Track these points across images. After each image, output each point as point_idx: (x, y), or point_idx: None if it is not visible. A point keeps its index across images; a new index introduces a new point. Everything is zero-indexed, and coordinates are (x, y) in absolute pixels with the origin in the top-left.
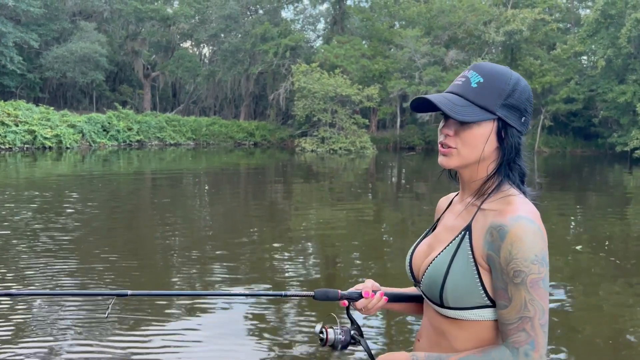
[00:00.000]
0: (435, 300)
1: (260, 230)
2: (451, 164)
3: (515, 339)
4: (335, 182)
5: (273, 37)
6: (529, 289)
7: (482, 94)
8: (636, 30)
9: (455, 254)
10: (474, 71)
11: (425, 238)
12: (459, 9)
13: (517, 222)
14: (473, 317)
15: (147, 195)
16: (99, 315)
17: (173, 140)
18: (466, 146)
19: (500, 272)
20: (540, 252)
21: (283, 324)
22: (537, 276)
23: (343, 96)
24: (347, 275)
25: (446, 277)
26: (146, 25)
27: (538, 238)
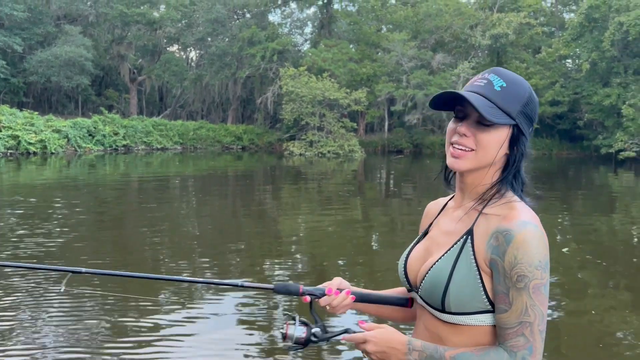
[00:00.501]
0: (435, 305)
1: (248, 234)
2: (464, 167)
3: (514, 343)
4: (324, 186)
5: (260, 40)
6: (531, 294)
7: (505, 99)
8: (619, 33)
9: (458, 259)
10: (495, 75)
11: (419, 243)
12: (446, 12)
13: (524, 227)
14: (473, 322)
15: (134, 201)
16: (86, 319)
17: (160, 145)
18: (482, 149)
19: (503, 276)
20: (543, 259)
21: (272, 323)
22: (539, 282)
23: (331, 100)
24: (334, 277)
25: (449, 282)
26: (132, 29)
27: (542, 244)
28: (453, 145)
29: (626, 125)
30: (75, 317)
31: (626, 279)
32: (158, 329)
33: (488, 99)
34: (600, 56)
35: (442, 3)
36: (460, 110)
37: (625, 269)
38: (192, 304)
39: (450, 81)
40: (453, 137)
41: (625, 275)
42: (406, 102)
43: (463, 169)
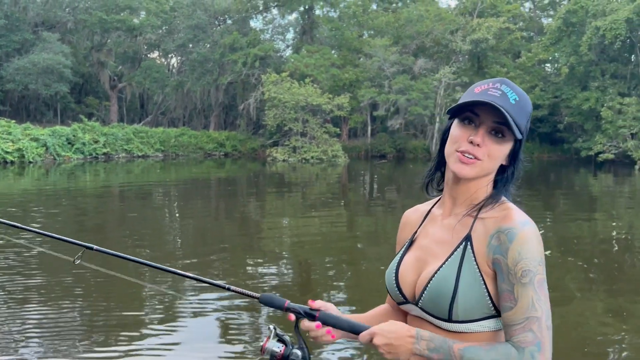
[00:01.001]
0: (440, 315)
1: (231, 241)
2: (471, 174)
3: (521, 339)
4: (308, 192)
5: (242, 47)
6: (536, 289)
7: (518, 113)
8: (596, 38)
9: (461, 266)
10: (507, 86)
11: (408, 253)
12: (427, 18)
13: (525, 226)
14: (478, 329)
15: (115, 209)
16: (67, 330)
17: (141, 152)
18: (490, 159)
19: (507, 274)
20: (542, 255)
21: (256, 333)
22: (542, 277)
23: (314, 105)
24: (320, 284)
25: (456, 290)
26: (112, 36)
27: (540, 242)
28: (463, 153)
29: (605, 128)
30: (54, 326)
31: (607, 283)
32: (140, 338)
33: (507, 112)
34: (578, 60)
35: (423, 9)
36: (471, 116)
37: (605, 272)
38: (175, 312)
39: (432, 86)
40: (462, 144)
41: (605, 278)
42: (389, 107)
43: (468, 176)
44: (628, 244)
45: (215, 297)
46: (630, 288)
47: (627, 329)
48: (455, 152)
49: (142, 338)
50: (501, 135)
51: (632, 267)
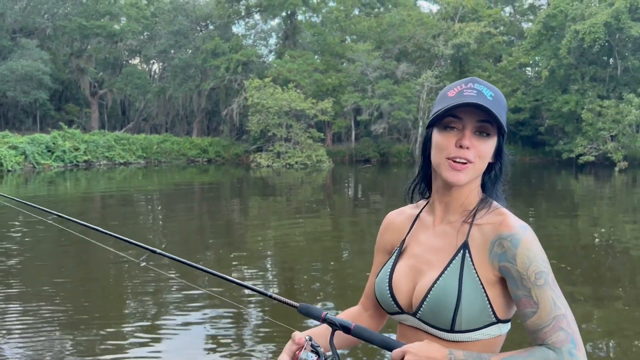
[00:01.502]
0: (442, 326)
1: (216, 248)
2: (465, 180)
3: (555, 340)
4: (293, 197)
5: (224, 52)
6: (552, 288)
7: (497, 106)
8: (576, 41)
9: (462, 275)
10: (479, 85)
11: (400, 262)
12: (408, 23)
13: (526, 230)
14: (480, 337)
15: (96, 217)
16: (48, 339)
17: (122, 160)
18: (481, 160)
19: (519, 280)
20: (546, 256)
21: (243, 343)
22: (553, 276)
23: (297, 110)
24: (305, 289)
25: (459, 300)
26: (92, 42)
27: (539, 243)
28: (454, 159)
29: (585, 130)
30: (36, 336)
31: (589, 285)
32: (122, 349)
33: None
34: (558, 63)
35: (405, 13)
36: (453, 121)
37: (587, 274)
38: (159, 323)
39: (415, 90)
40: (451, 151)
41: (587, 280)
42: (372, 112)
43: (464, 182)
44: (609, 245)
45: (199, 305)
46: (611, 289)
47: (607, 329)
48: (445, 160)
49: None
50: (486, 134)
51: (611, 269)
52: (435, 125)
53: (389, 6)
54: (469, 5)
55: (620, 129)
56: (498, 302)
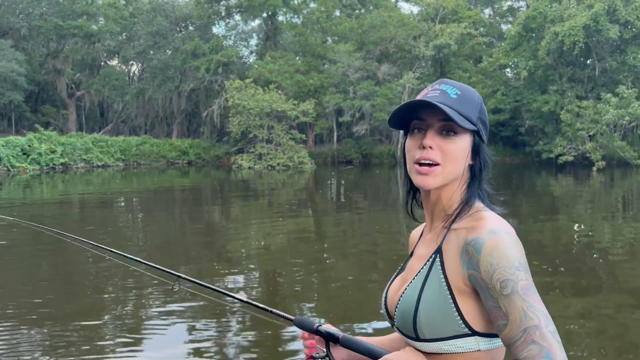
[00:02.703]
0: (409, 333)
1: (197, 251)
2: (433, 183)
3: (526, 354)
4: (275, 199)
5: (204, 53)
6: (522, 297)
7: (463, 105)
8: (555, 43)
9: (426, 280)
10: (446, 84)
11: (399, 275)
12: (389, 24)
13: (493, 233)
14: (454, 349)
15: (74, 221)
16: (27, 349)
17: (101, 162)
18: (450, 161)
19: (486, 289)
20: (523, 261)
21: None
22: (526, 282)
23: (279, 112)
24: (288, 293)
25: (418, 305)
26: (69, 43)
27: (517, 247)
28: (419, 162)
29: (564, 131)
30: (18, 343)
31: (572, 287)
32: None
33: (449, 106)
34: (537, 65)
35: (386, 15)
36: (418, 124)
37: (569, 274)
38: (140, 324)
39: (396, 91)
40: (416, 153)
41: (569, 280)
42: (354, 113)
43: (433, 186)
44: (589, 244)
45: (178, 313)
46: (594, 287)
47: (590, 329)
48: (413, 165)
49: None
50: (453, 132)
51: (593, 270)
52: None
53: (370, 7)
54: (449, 6)
55: (598, 129)
56: (472, 313)
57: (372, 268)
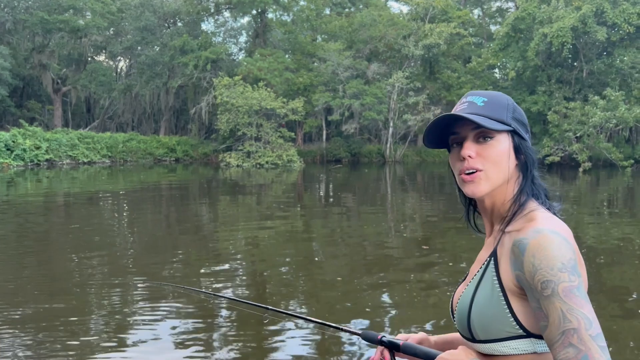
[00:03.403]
0: (467, 335)
1: (185, 251)
2: (482, 190)
3: (563, 357)
4: (263, 198)
5: (193, 49)
6: (563, 299)
7: (492, 109)
8: (543, 44)
9: (480, 282)
10: (472, 96)
11: (465, 279)
12: (379, 23)
13: (539, 233)
14: (508, 351)
15: (59, 219)
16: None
17: (86, 159)
18: (493, 165)
19: (530, 290)
20: (568, 262)
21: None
22: (569, 284)
23: (268, 110)
24: (276, 293)
25: (471, 306)
26: (55, 37)
27: (563, 247)
28: (464, 172)
29: (552, 132)
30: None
31: None
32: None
33: (476, 114)
34: (526, 65)
35: (376, 14)
36: (455, 139)
37: None
38: (126, 324)
39: (386, 91)
40: (459, 165)
41: None
42: (343, 112)
43: (481, 192)
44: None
45: (164, 315)
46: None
47: None
48: (459, 177)
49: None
50: (489, 137)
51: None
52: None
53: (360, 6)
54: (438, 6)
55: (585, 131)
56: (526, 314)
57: (360, 267)
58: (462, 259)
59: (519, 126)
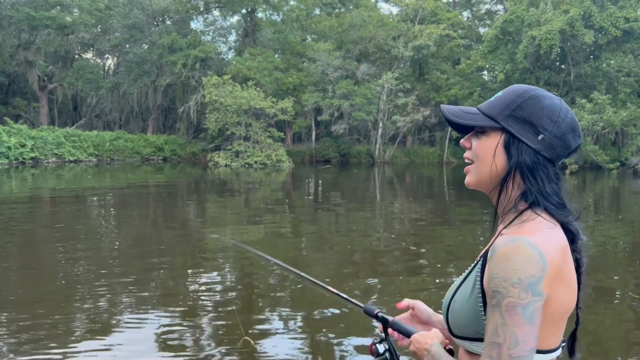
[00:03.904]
0: (447, 327)
1: (172, 251)
2: (469, 182)
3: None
4: (252, 198)
5: (182, 47)
6: (503, 313)
7: (492, 105)
8: (532, 47)
9: (464, 280)
10: (502, 90)
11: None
12: (369, 23)
13: (512, 242)
14: (479, 351)
15: (43, 218)
16: None
17: (73, 157)
18: (478, 159)
19: (487, 295)
20: (527, 278)
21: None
22: (515, 301)
23: (257, 109)
24: (265, 293)
25: (450, 302)
26: (41, 34)
27: (531, 263)
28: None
29: None
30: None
31: None
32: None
33: (479, 109)
34: (514, 68)
35: (366, 14)
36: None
37: None
38: (107, 335)
39: (375, 91)
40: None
41: None
42: (332, 112)
43: (470, 183)
44: None
45: (147, 318)
46: None
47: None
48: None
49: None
50: (481, 133)
51: None
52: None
53: (350, 7)
54: (428, 7)
55: None
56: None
57: (347, 268)
58: (450, 260)
59: (517, 125)
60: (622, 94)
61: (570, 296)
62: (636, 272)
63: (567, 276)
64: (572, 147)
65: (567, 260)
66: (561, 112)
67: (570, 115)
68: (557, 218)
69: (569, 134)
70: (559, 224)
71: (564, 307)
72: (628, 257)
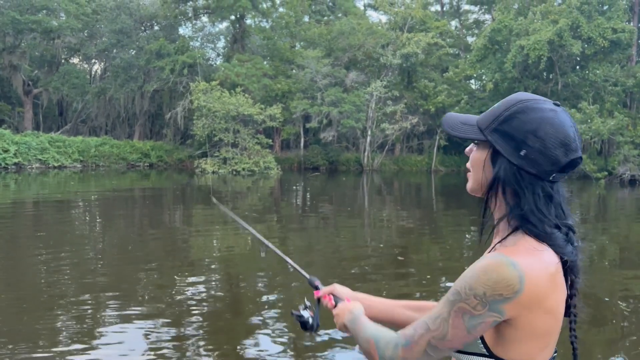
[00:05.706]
0: None
1: (157, 259)
2: (468, 187)
3: (405, 330)
4: (240, 205)
5: (169, 53)
6: (451, 311)
7: (485, 117)
8: (520, 56)
9: None
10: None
11: None
12: (358, 31)
13: (496, 259)
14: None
15: (26, 225)
16: None
17: (57, 163)
18: (472, 169)
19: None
20: (492, 295)
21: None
22: (468, 309)
23: (245, 115)
24: (252, 298)
25: None
26: (27, 38)
27: (504, 283)
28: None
29: None
30: None
31: None
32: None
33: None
34: (503, 77)
35: (355, 22)
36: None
37: None
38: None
39: (364, 99)
40: None
41: None
42: (321, 119)
43: (468, 189)
44: None
45: (136, 321)
46: None
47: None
48: None
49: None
50: (476, 143)
51: None
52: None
53: (339, 14)
54: (417, 16)
55: None
56: (491, 334)
57: (334, 277)
58: (437, 269)
59: (501, 139)
60: (609, 104)
61: (550, 323)
62: (623, 280)
63: (550, 305)
64: (563, 162)
65: (555, 288)
66: (550, 126)
67: (563, 129)
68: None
69: (557, 149)
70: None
71: (542, 329)
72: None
